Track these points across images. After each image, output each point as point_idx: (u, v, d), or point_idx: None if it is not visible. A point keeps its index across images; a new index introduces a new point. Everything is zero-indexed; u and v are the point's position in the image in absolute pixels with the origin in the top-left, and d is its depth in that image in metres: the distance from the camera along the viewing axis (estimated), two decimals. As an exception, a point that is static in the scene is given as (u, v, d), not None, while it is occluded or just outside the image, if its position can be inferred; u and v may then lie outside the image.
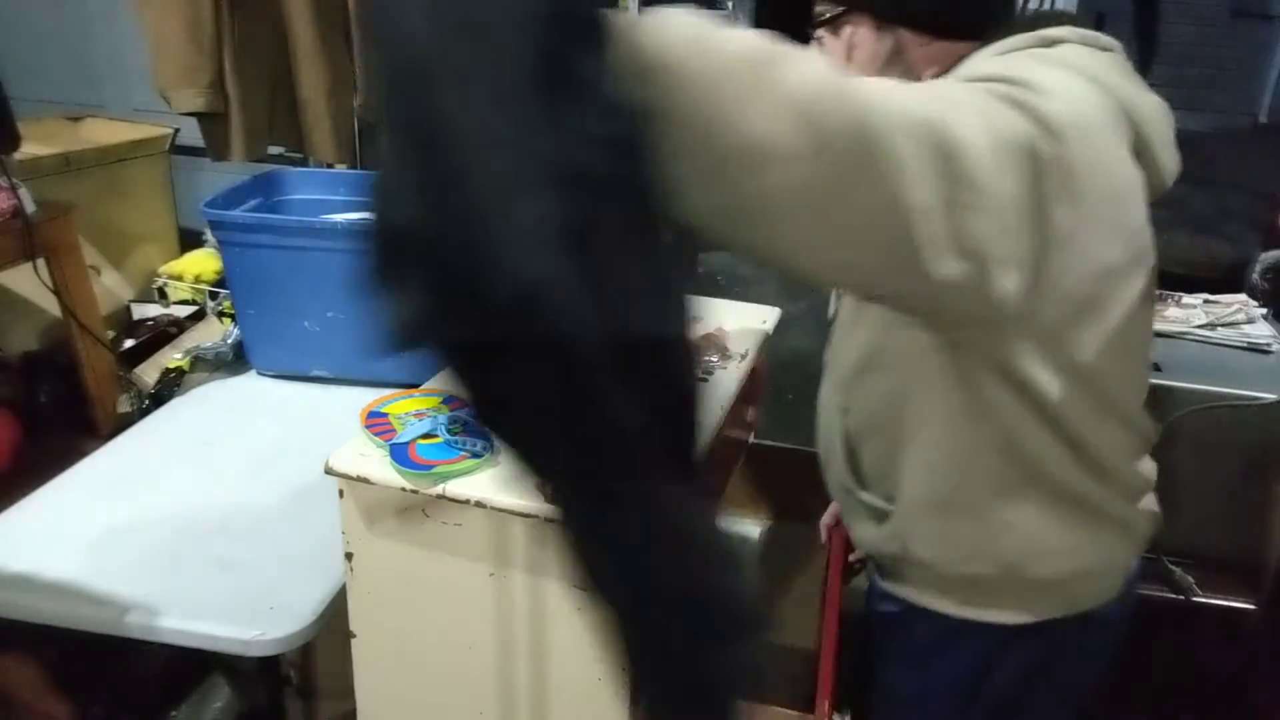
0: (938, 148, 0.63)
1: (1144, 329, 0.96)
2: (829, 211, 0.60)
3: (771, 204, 0.57)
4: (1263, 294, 2.45)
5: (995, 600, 1.01)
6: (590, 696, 1.05)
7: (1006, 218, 0.67)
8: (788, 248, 0.63)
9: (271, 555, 1.29)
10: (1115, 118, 0.82)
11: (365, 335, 0.48)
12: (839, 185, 0.59)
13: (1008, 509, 0.95)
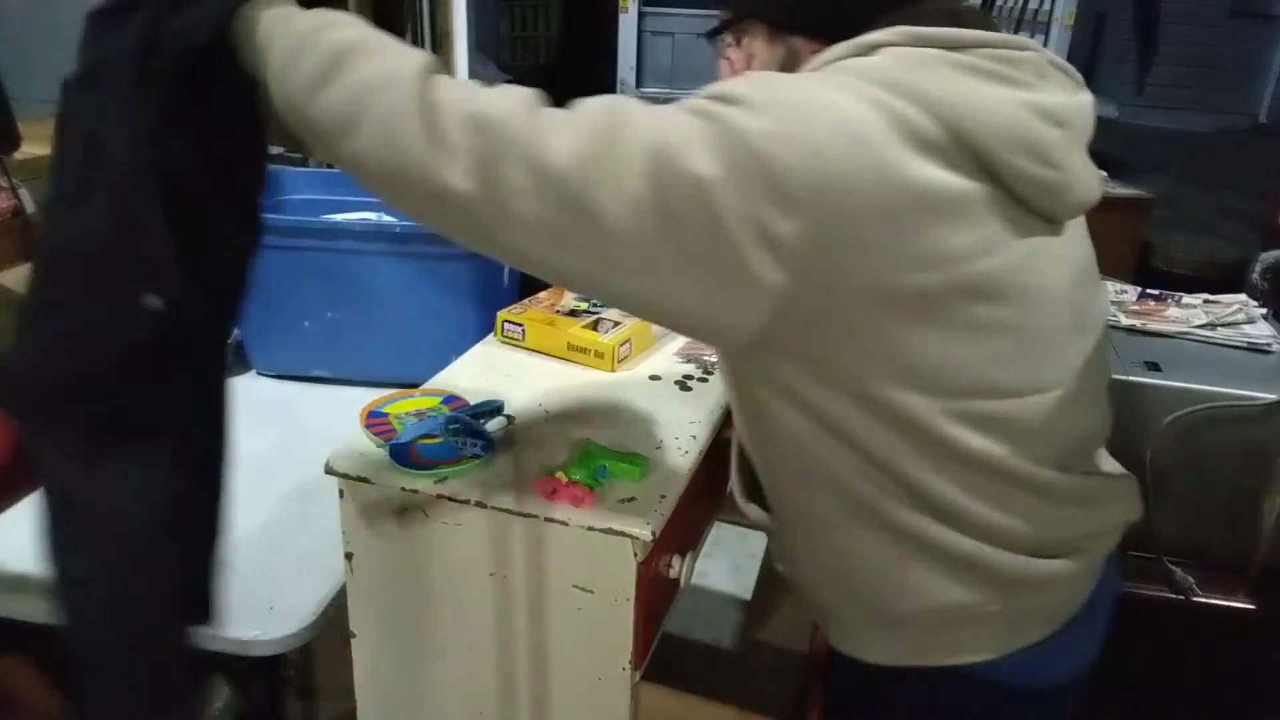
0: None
1: (1022, 369, 0.86)
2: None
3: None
4: (1263, 294, 2.45)
5: (852, 632, 0.99)
6: (590, 696, 1.05)
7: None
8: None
9: (271, 555, 1.29)
10: (894, 129, 0.76)
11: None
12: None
13: (843, 533, 0.93)
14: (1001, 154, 0.80)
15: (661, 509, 0.98)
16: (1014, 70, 0.83)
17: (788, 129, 0.74)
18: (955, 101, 0.78)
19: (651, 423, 1.15)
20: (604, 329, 1.33)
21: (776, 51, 0.95)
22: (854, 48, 0.84)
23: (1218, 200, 5.15)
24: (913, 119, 0.77)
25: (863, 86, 0.78)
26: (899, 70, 0.79)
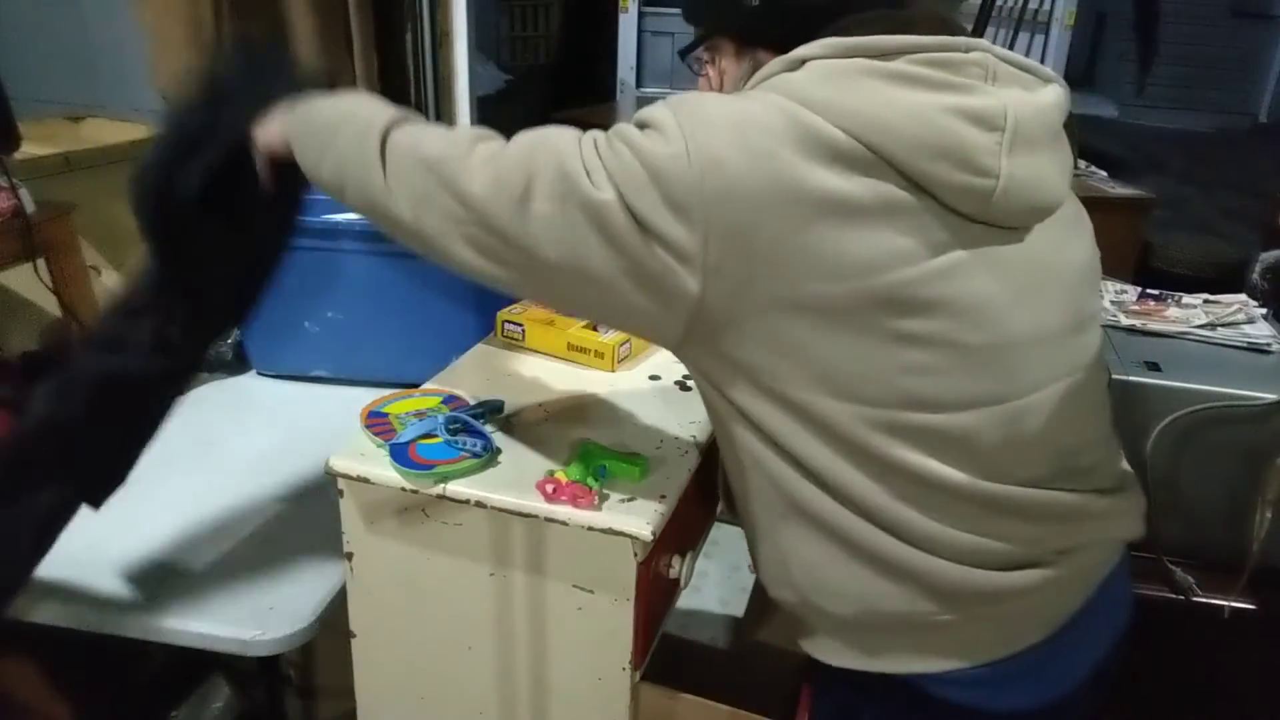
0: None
1: (957, 383, 0.84)
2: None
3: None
4: (1263, 294, 2.45)
5: (811, 633, 0.98)
6: (590, 696, 1.05)
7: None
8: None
9: (271, 555, 1.29)
10: (797, 140, 0.78)
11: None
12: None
13: (784, 533, 0.93)
14: (916, 161, 0.79)
15: (661, 509, 0.98)
16: (949, 74, 0.82)
17: (689, 146, 0.78)
18: (864, 110, 0.79)
19: (651, 423, 1.15)
20: (604, 329, 1.33)
21: (744, 66, 0.99)
22: (785, 63, 0.86)
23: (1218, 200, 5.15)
24: (819, 129, 0.78)
25: (774, 100, 0.81)
26: (813, 83, 0.81)
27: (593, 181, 0.80)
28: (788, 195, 0.77)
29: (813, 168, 0.78)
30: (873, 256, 0.79)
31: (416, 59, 2.55)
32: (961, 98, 0.81)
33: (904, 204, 0.80)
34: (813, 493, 0.88)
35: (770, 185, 0.77)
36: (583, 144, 0.83)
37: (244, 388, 1.73)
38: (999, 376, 0.85)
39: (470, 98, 2.67)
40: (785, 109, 0.79)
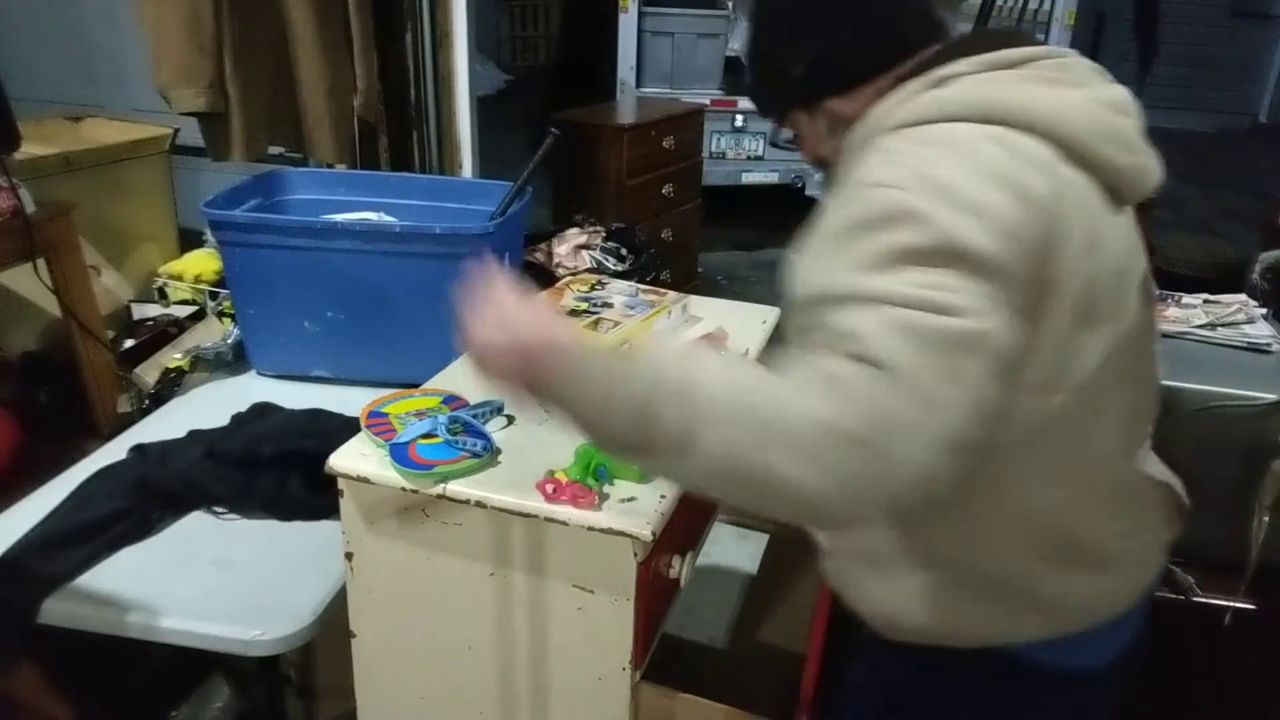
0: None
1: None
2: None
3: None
4: (1263, 294, 2.44)
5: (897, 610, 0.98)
6: (590, 696, 1.05)
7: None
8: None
9: (271, 555, 1.29)
10: (1028, 168, 0.80)
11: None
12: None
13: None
14: (1097, 148, 0.85)
15: (661, 509, 0.98)
16: (1070, 74, 0.89)
17: (989, 233, 0.76)
18: (1034, 107, 0.83)
19: (651, 423, 1.15)
20: (604, 329, 1.33)
21: (820, 121, 1.01)
22: (928, 82, 0.88)
23: (1218, 200, 5.15)
24: (1020, 142, 0.82)
25: (967, 132, 0.82)
26: (977, 95, 0.85)
27: (973, 350, 0.73)
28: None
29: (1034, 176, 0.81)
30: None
31: (416, 59, 2.55)
32: (1094, 90, 0.88)
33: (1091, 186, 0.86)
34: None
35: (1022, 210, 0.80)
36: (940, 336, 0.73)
37: (244, 388, 1.73)
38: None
39: (470, 98, 2.67)
40: (987, 135, 0.82)
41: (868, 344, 0.72)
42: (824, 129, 1.02)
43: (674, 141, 3.51)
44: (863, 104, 0.96)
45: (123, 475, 1.37)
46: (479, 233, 1.61)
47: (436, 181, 2.31)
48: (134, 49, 2.30)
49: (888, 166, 0.83)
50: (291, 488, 1.35)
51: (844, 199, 0.83)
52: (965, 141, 0.83)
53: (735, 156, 4.88)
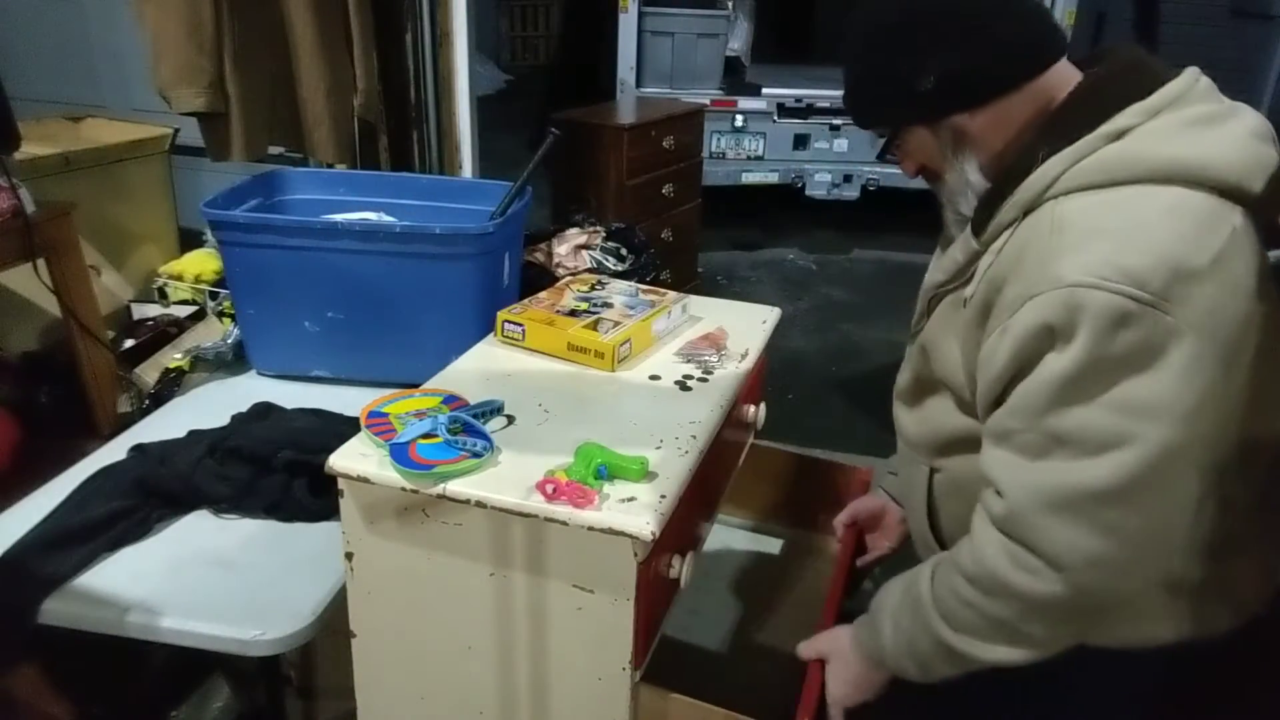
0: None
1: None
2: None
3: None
4: (1263, 294, 2.43)
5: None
6: (590, 696, 1.05)
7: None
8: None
9: (271, 555, 1.29)
10: (1215, 219, 0.87)
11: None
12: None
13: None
14: (1253, 185, 0.88)
15: (661, 509, 0.98)
16: (1216, 104, 0.92)
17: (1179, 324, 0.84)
18: (1213, 161, 0.87)
19: (651, 423, 1.15)
20: (604, 329, 1.33)
21: (943, 136, 1.00)
22: (1105, 137, 0.91)
23: (1218, 200, 5.14)
24: (1199, 206, 0.87)
25: (1158, 203, 0.87)
26: (1159, 154, 0.88)
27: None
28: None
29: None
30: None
31: (416, 59, 2.55)
32: (1242, 121, 0.91)
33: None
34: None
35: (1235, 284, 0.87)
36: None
37: (244, 388, 1.73)
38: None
39: (470, 98, 2.67)
40: (1178, 207, 0.86)
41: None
42: (947, 146, 1.00)
43: (674, 141, 3.51)
44: (990, 121, 0.96)
45: (123, 475, 1.37)
46: (479, 233, 1.61)
47: (436, 181, 2.31)
48: (134, 49, 2.30)
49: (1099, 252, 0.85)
50: (296, 491, 1.35)
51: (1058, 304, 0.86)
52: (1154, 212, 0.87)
53: (735, 156, 4.88)
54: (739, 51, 5.27)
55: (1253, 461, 0.97)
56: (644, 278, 2.42)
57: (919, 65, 0.96)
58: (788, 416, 3.02)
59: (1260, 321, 0.89)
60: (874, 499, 1.42)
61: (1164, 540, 0.90)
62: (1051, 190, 0.91)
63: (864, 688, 1.10)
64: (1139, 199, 0.87)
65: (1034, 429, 0.89)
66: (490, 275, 1.67)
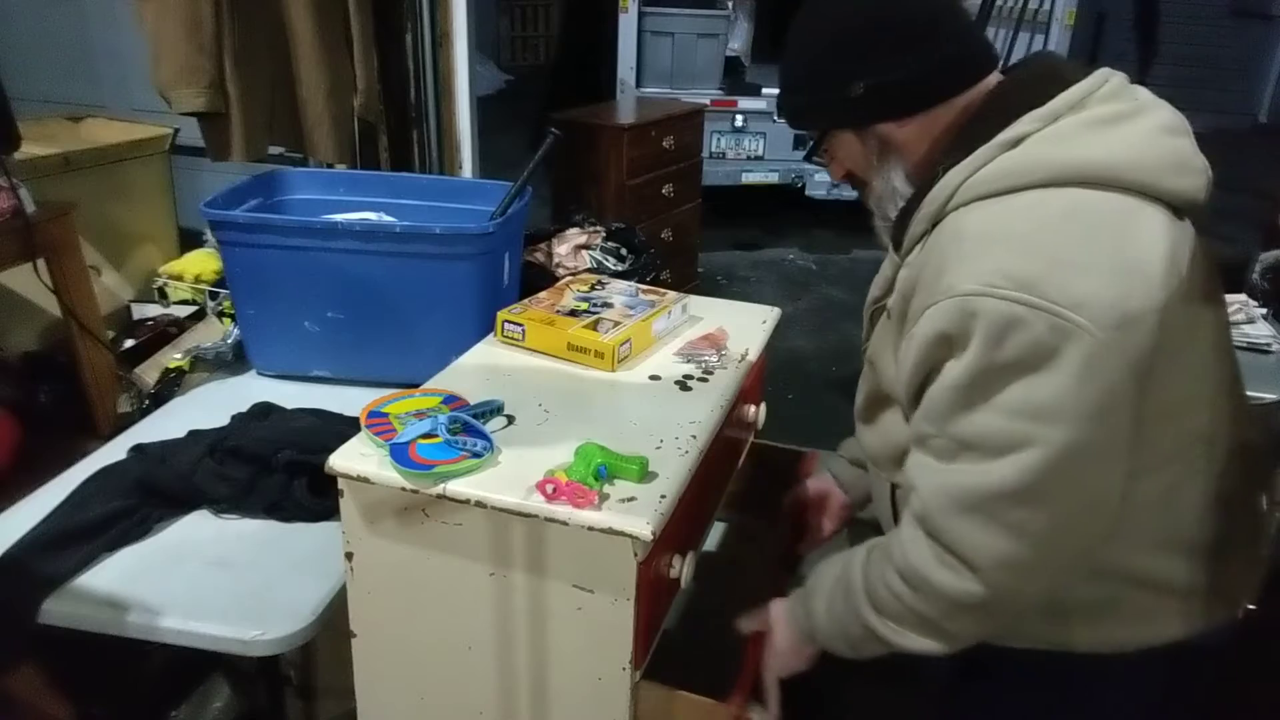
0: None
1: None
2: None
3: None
4: (1263, 294, 2.45)
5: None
6: (590, 696, 1.05)
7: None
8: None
9: (271, 555, 1.29)
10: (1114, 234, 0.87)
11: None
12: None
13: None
14: (1165, 181, 0.89)
15: (661, 509, 0.98)
16: (1124, 102, 0.92)
17: (1080, 330, 0.83)
18: (1113, 160, 0.88)
19: (651, 423, 1.15)
20: (604, 329, 1.33)
21: (869, 143, 1.02)
22: (1001, 146, 0.92)
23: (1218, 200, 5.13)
24: (1100, 204, 0.88)
25: (1052, 199, 0.88)
26: (1055, 157, 0.89)
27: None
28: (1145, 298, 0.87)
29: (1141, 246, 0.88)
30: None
31: (416, 59, 2.55)
32: (1151, 117, 0.92)
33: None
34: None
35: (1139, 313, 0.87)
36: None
37: (244, 388, 1.73)
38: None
39: (470, 98, 2.67)
40: (1075, 209, 0.87)
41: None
42: (874, 153, 1.02)
43: (674, 141, 3.51)
44: (916, 132, 0.98)
45: (123, 475, 1.37)
46: (479, 233, 1.61)
47: (436, 181, 2.31)
48: (134, 49, 2.30)
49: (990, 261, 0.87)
50: (296, 491, 1.35)
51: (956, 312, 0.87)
52: (1052, 217, 0.87)
53: (735, 156, 4.88)
54: (739, 51, 5.28)
55: (1213, 457, 0.97)
56: (644, 278, 2.42)
57: (851, 72, 0.98)
58: (788, 416, 3.02)
59: (1195, 319, 0.90)
60: (820, 481, 1.42)
61: (1074, 540, 0.91)
62: (953, 201, 0.93)
63: (797, 659, 1.13)
64: (1034, 204, 0.88)
65: (943, 433, 0.91)
66: (490, 275, 1.67)
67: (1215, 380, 0.97)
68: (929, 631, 0.97)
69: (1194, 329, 0.92)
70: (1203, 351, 0.94)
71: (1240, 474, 1.01)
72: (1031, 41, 5.15)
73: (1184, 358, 0.91)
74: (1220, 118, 8.17)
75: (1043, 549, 0.89)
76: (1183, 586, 1.00)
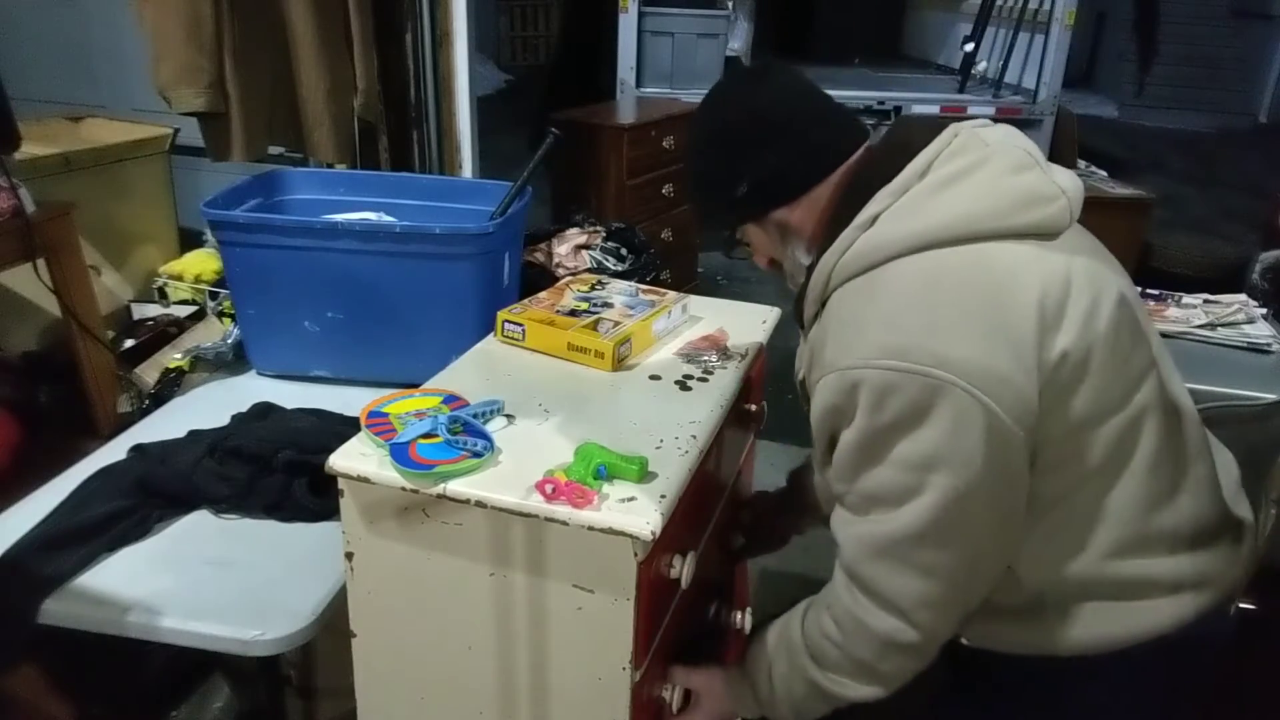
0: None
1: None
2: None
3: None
4: (1263, 294, 2.45)
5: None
6: (590, 696, 1.05)
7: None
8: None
9: (271, 555, 1.29)
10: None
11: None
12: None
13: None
14: (1015, 219, 0.96)
15: (661, 509, 0.98)
16: (970, 155, 0.99)
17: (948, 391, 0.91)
18: (956, 219, 0.95)
19: (651, 423, 1.15)
20: (604, 329, 1.33)
21: (771, 233, 1.12)
22: (859, 227, 1.00)
23: (1218, 200, 5.15)
24: (952, 261, 0.95)
25: (909, 267, 0.96)
26: (904, 230, 0.97)
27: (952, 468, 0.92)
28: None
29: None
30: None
31: (416, 59, 2.55)
32: (997, 162, 0.98)
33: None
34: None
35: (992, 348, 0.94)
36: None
37: (244, 388, 1.73)
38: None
39: (470, 98, 2.67)
40: (931, 273, 0.95)
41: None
42: (775, 238, 1.12)
43: (674, 141, 3.51)
44: (804, 213, 1.08)
45: (123, 475, 1.37)
46: (479, 233, 1.61)
47: (436, 181, 2.31)
48: (134, 49, 2.30)
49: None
50: (295, 491, 1.35)
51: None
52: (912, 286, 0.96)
53: (735, 156, 4.88)
54: (739, 51, 5.28)
55: (1155, 450, 1.00)
56: (644, 278, 2.42)
57: (733, 173, 1.08)
58: (788, 416, 3.02)
59: (1093, 328, 0.95)
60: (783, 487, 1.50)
61: (983, 571, 0.99)
62: (830, 283, 1.03)
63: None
64: (896, 276, 0.97)
65: (852, 491, 1.00)
66: (490, 275, 1.67)
67: (1138, 371, 1.00)
68: (866, 677, 1.02)
69: (1097, 335, 0.95)
70: (1119, 350, 0.97)
71: (1193, 460, 1.04)
72: (1031, 41, 5.15)
73: (1095, 367, 0.94)
74: (1220, 118, 8.17)
75: (956, 584, 0.97)
76: (1161, 581, 1.01)
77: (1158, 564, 1.01)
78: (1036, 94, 5.00)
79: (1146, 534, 1.00)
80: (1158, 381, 1.01)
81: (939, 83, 5.74)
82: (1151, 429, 0.99)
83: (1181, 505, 1.02)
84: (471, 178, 2.69)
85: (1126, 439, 0.98)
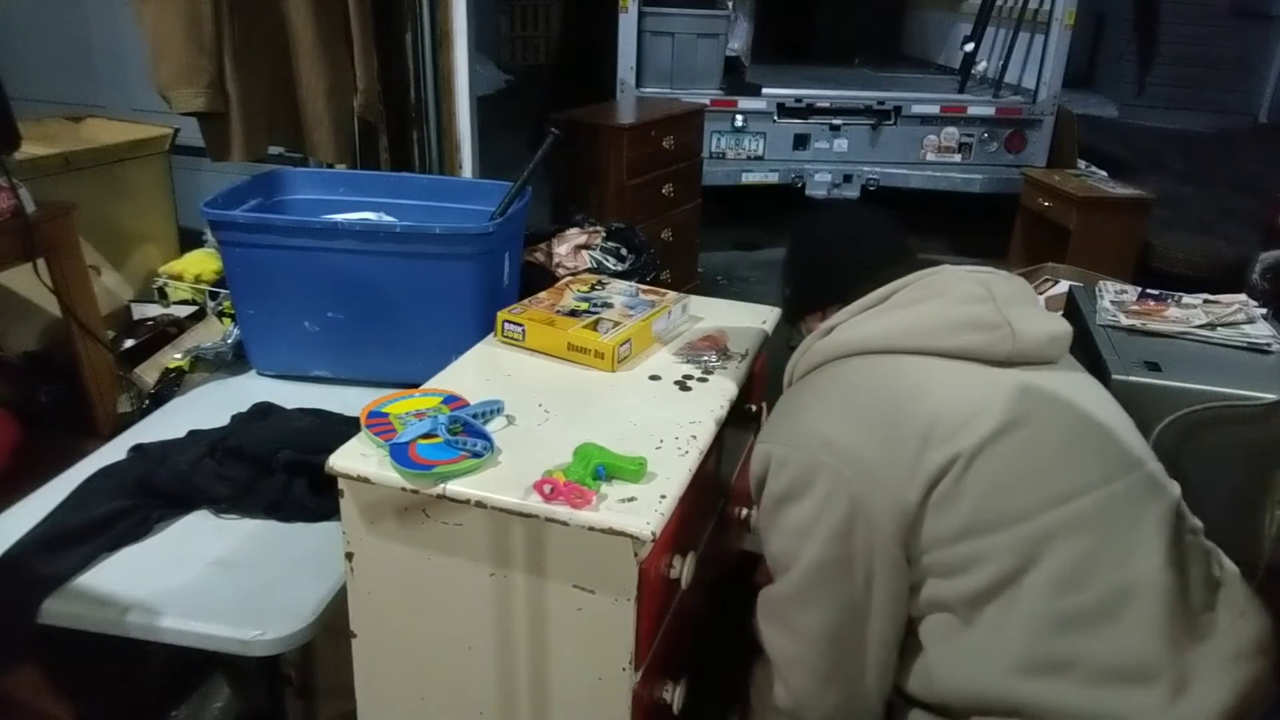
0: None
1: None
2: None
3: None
4: (1263, 294, 2.45)
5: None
6: (590, 696, 1.05)
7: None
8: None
9: (271, 555, 1.29)
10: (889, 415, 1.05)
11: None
12: None
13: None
14: (949, 340, 1.07)
15: (661, 509, 0.98)
16: (931, 288, 1.12)
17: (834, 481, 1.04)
18: (891, 331, 1.09)
19: (651, 423, 1.15)
20: (604, 329, 1.33)
21: (810, 325, 1.25)
22: (820, 334, 1.17)
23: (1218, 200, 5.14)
24: (878, 364, 1.10)
25: (833, 370, 1.13)
26: (846, 339, 1.12)
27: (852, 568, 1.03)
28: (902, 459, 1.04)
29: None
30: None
31: (416, 59, 2.55)
32: (951, 293, 1.10)
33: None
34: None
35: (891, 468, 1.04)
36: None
37: (244, 388, 1.73)
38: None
39: (470, 98, 2.67)
40: (843, 375, 1.11)
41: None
42: (810, 334, 1.25)
43: (674, 141, 3.51)
44: (819, 324, 1.22)
45: (123, 475, 1.37)
46: (479, 233, 1.61)
47: (436, 181, 2.31)
48: (134, 49, 2.30)
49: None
50: (295, 491, 1.35)
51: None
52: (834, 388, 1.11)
53: (735, 156, 4.88)
54: (739, 51, 5.27)
55: (1089, 559, 0.98)
56: (644, 278, 2.41)
57: (786, 281, 1.31)
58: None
59: (1009, 433, 1.01)
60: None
61: (844, 640, 1.04)
62: (791, 379, 1.21)
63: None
64: (823, 373, 1.14)
65: (766, 554, 1.11)
66: (490, 275, 1.67)
67: (1063, 490, 1.00)
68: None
69: (993, 454, 0.99)
70: (1028, 467, 1.01)
71: (1156, 594, 0.97)
72: (1031, 42, 5.15)
73: (980, 481, 0.99)
74: (1220, 118, 8.16)
75: (821, 652, 1.04)
76: (1074, 714, 0.95)
77: (1073, 693, 0.95)
78: (1036, 94, 5.00)
79: (1055, 657, 0.96)
80: (1109, 507, 0.99)
81: (939, 83, 5.74)
82: (1065, 548, 0.97)
83: (1118, 637, 0.96)
84: (471, 178, 2.69)
85: (1030, 552, 0.97)
